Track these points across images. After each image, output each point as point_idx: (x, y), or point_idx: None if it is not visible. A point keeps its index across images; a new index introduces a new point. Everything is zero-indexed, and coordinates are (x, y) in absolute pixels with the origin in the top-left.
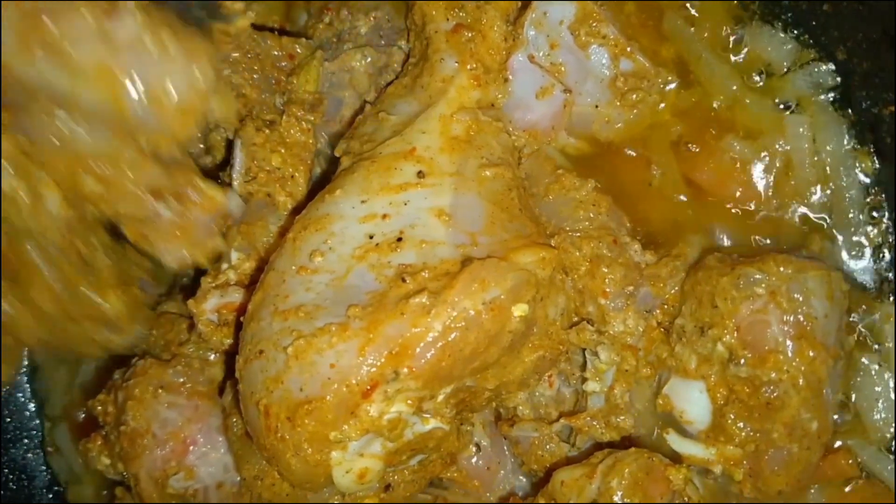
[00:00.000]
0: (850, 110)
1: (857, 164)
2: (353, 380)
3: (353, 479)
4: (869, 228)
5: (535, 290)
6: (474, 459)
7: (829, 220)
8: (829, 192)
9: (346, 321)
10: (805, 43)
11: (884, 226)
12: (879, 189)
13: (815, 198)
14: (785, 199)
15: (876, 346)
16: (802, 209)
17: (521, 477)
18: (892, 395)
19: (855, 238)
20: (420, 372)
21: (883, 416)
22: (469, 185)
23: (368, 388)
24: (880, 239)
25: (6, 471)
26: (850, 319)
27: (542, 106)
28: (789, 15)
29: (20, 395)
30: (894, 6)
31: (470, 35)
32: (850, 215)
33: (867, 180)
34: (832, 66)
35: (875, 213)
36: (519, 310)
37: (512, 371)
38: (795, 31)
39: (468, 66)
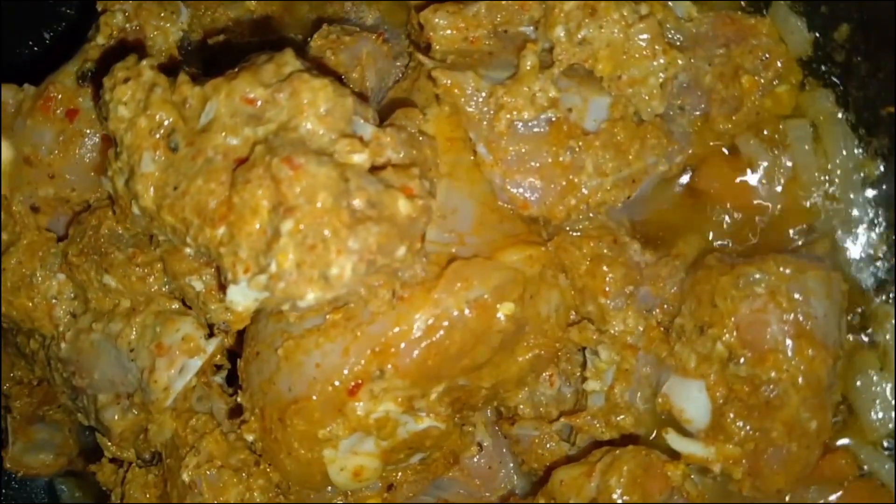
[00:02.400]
0: (850, 111)
1: (858, 165)
2: (338, 379)
3: (349, 476)
4: (869, 228)
5: (522, 288)
6: (476, 458)
7: (829, 220)
8: (829, 192)
9: (335, 321)
10: None
11: (884, 226)
12: (879, 189)
13: (815, 198)
14: (785, 200)
15: (874, 346)
16: (803, 209)
17: (521, 476)
18: (890, 395)
19: (855, 238)
20: (406, 370)
21: (881, 415)
22: (461, 185)
23: (353, 386)
24: (880, 239)
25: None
26: (850, 319)
27: None
28: None
29: None
30: (894, 6)
31: None
32: (851, 215)
33: (867, 180)
34: (832, 67)
35: (875, 214)
36: (505, 308)
37: (507, 370)
38: None
39: None
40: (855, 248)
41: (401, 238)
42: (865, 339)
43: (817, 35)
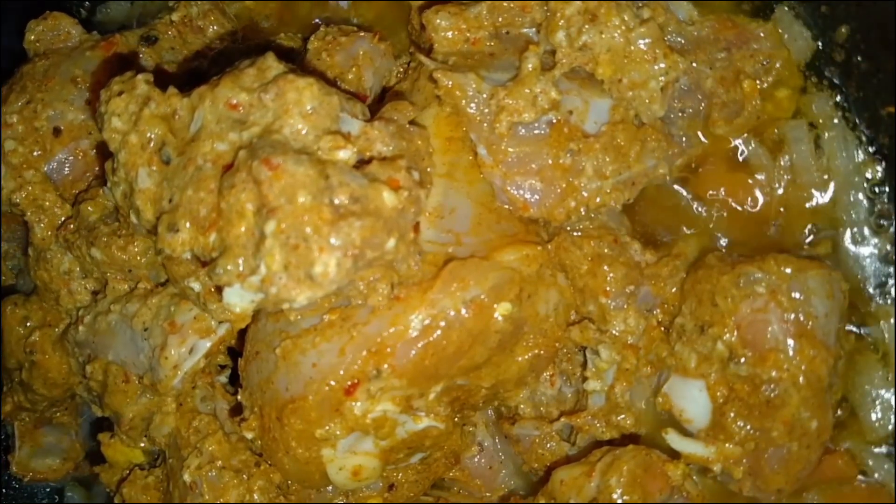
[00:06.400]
0: (850, 112)
1: (858, 165)
2: (334, 379)
3: (348, 476)
4: (869, 228)
5: (519, 287)
6: (476, 458)
7: (829, 221)
8: (830, 192)
9: (332, 321)
10: None
11: (884, 225)
12: (880, 189)
13: (816, 199)
14: (786, 201)
15: (875, 346)
16: (804, 210)
17: (521, 476)
18: (890, 396)
19: (855, 238)
20: (403, 370)
21: (880, 416)
22: (459, 186)
23: (350, 386)
24: (881, 239)
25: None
26: (850, 319)
27: None
28: None
29: None
30: (894, 6)
31: None
32: (852, 216)
33: (868, 180)
34: (832, 68)
35: (875, 213)
36: (502, 309)
37: (507, 370)
38: None
39: None
40: (855, 249)
41: (388, 230)
42: (866, 339)
43: (819, 40)
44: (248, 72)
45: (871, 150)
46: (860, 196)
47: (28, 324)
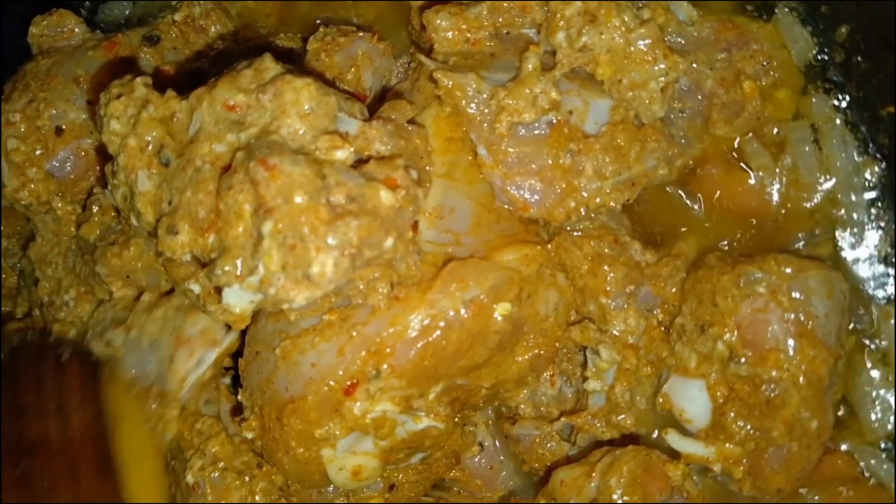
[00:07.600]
0: (850, 112)
1: (858, 167)
2: (333, 379)
3: (348, 476)
4: (870, 228)
5: (519, 287)
6: (476, 458)
7: (830, 222)
8: (830, 193)
9: (331, 321)
10: None
11: (884, 226)
12: (880, 190)
13: (816, 200)
14: (786, 202)
15: (875, 347)
16: (804, 210)
17: (521, 476)
18: (890, 397)
19: (856, 239)
20: (402, 370)
21: (880, 416)
22: (459, 186)
23: (349, 386)
24: (881, 239)
25: None
26: (850, 319)
27: None
28: None
29: None
30: (894, 7)
31: None
32: (852, 216)
33: (868, 181)
34: (832, 68)
35: (876, 214)
36: (502, 309)
37: (507, 370)
38: None
39: None
40: (856, 249)
41: (386, 230)
42: (866, 339)
43: (819, 40)
44: (245, 73)
45: (870, 150)
46: (860, 197)
47: None
